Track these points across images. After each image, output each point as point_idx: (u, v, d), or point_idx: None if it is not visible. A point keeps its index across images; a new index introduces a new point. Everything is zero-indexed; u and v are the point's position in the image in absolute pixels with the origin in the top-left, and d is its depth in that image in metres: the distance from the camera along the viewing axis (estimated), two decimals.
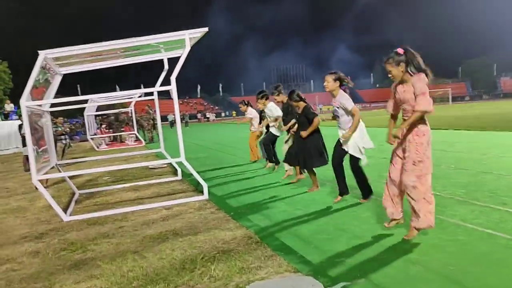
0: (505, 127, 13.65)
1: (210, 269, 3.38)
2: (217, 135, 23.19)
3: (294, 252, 3.62)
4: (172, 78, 6.00)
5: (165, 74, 8.35)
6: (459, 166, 7.09)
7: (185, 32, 6.08)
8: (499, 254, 3.24)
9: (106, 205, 6.40)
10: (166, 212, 5.61)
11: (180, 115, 28.52)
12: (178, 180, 8.24)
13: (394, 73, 3.72)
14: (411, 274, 3.00)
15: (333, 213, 4.84)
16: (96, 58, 7.51)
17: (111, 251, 4.12)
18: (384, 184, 4.06)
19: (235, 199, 6.03)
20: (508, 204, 4.58)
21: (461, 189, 5.47)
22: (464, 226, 3.98)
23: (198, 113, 69.29)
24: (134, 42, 6.08)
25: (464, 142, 10.52)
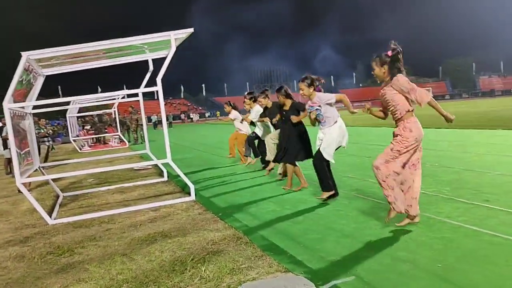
0: (485, 126, 13.96)
1: (200, 270, 3.37)
2: (202, 136, 23.11)
3: (284, 252, 3.64)
4: (158, 79, 5.96)
5: (149, 75, 8.28)
6: (443, 164, 7.22)
7: (170, 33, 6.04)
8: (484, 251, 3.31)
9: (91, 208, 6.32)
10: (154, 213, 5.57)
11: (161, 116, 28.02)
12: (164, 181, 8.19)
13: (376, 72, 3.93)
14: (400, 272, 3.04)
15: (321, 212, 4.88)
16: (80, 59, 7.41)
17: (99, 254, 4.07)
18: (367, 181, 4.12)
19: (222, 199, 6.02)
20: (491, 201, 4.69)
21: (446, 186, 5.57)
22: (450, 223, 4.06)
23: (182, 114, 68.89)
24: (119, 43, 6.02)
25: (447, 140, 10.72)
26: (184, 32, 6.15)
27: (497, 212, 4.29)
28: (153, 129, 38.51)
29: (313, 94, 5.22)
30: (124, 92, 8.32)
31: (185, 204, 5.94)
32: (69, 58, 7.04)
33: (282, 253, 3.62)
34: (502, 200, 4.68)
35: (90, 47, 5.83)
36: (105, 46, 5.97)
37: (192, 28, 6.13)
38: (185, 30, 6.12)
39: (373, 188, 5.81)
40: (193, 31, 6.22)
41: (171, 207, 5.85)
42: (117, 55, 7.82)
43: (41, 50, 5.70)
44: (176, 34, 6.05)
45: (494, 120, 16.38)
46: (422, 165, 4.08)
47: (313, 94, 5.22)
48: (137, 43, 6.30)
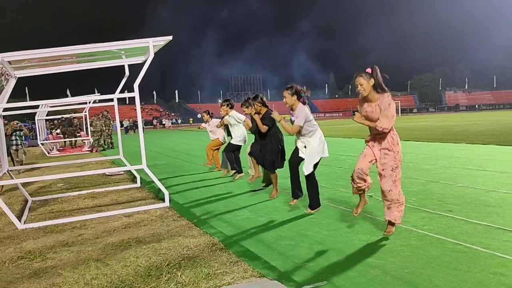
0: (450, 139, 14.55)
1: (176, 276, 3.42)
2: (175, 142, 22.96)
3: (259, 258, 3.73)
4: (135, 86, 5.98)
5: (125, 80, 8.25)
6: (410, 176, 7.51)
7: (149, 39, 6.08)
8: (447, 257, 3.51)
9: (62, 213, 6.22)
10: (127, 219, 5.55)
11: (133, 121, 28.05)
12: (137, 187, 8.14)
13: (365, 86, 4.00)
14: (370, 277, 3.19)
15: (295, 219, 5.00)
16: (54, 62, 7.32)
17: (72, 259, 4.04)
18: (338, 191, 4.28)
19: (197, 206, 6.06)
20: (454, 211, 4.95)
21: (412, 197, 5.82)
22: (416, 231, 4.26)
23: (154, 119, 68.11)
24: (96, 48, 6.00)
25: (414, 153, 11.12)
26: (163, 39, 6.20)
27: (459, 221, 4.54)
28: (124, 134, 37.92)
29: (295, 104, 5.18)
30: (99, 97, 8.26)
31: (159, 210, 5.95)
32: (43, 61, 6.95)
33: (257, 259, 3.72)
34: (464, 211, 4.95)
35: (68, 51, 5.79)
36: (82, 50, 5.94)
37: (171, 36, 6.19)
38: (164, 37, 6.17)
39: (344, 197, 6.01)
40: (171, 39, 6.28)
41: (145, 213, 5.84)
42: (93, 59, 7.76)
43: (15, 52, 5.62)
44: (155, 41, 6.09)
45: (458, 134, 17.07)
46: None
47: (295, 103, 5.18)
48: (114, 48, 6.30)
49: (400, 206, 4.13)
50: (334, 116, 77.88)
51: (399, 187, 4.10)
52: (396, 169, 4.06)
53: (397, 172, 4.07)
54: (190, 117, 73.12)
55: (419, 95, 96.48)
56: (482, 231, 4.18)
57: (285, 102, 5.22)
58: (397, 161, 4.05)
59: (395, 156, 4.04)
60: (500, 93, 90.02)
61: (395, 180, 4.07)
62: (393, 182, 4.06)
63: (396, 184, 4.07)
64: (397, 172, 4.07)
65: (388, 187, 4.07)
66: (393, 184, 4.06)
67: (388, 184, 4.07)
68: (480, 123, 25.23)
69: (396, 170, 4.05)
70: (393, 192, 4.06)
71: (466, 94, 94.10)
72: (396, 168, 4.05)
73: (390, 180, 4.06)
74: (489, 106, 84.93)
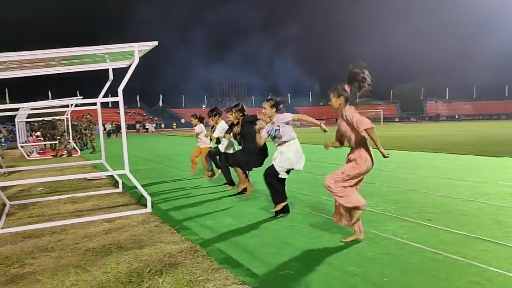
0: (430, 149, 14.81)
1: (157, 282, 3.40)
2: (158, 147, 22.80)
3: (241, 265, 3.74)
4: (119, 90, 5.95)
5: (109, 84, 8.18)
6: (391, 185, 7.63)
7: (134, 44, 6.06)
8: (425, 266, 3.58)
9: (42, 217, 6.12)
10: (108, 225, 5.49)
11: (116, 125, 27.81)
12: (119, 192, 8.06)
13: (333, 103, 4.32)
14: (349, 284, 3.23)
15: (277, 227, 5.03)
16: (36, 65, 7.22)
17: (51, 265, 3.98)
18: (320, 198, 4.36)
19: (179, 212, 6.03)
20: (433, 220, 5.05)
21: (393, 205, 5.91)
22: (396, 240, 4.33)
23: (137, 123, 67.49)
24: (80, 52, 5.95)
25: (395, 161, 11.28)
26: (148, 44, 6.19)
27: (438, 231, 4.63)
28: (106, 138, 37.49)
29: (273, 115, 5.47)
30: (81, 101, 8.15)
31: (141, 216, 5.91)
32: (25, 63, 6.85)
33: (239, 266, 3.73)
34: (443, 220, 5.05)
35: (51, 54, 5.73)
36: (66, 53, 5.89)
37: (156, 41, 6.19)
38: (149, 42, 6.16)
39: (326, 205, 6.06)
40: (156, 44, 6.28)
41: (126, 218, 5.79)
42: (76, 63, 7.69)
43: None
44: (140, 46, 6.08)
45: (439, 144, 17.40)
46: (372, 184, 4.37)
47: (273, 115, 5.48)
48: (99, 52, 6.26)
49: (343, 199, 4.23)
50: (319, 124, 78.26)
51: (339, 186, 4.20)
52: (346, 176, 4.18)
53: (345, 178, 4.19)
54: (174, 122, 72.63)
55: (401, 104, 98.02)
56: (460, 240, 4.28)
57: (264, 112, 5.52)
58: (353, 171, 4.17)
59: (354, 166, 4.17)
60: (480, 104, 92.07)
61: (337, 181, 4.21)
62: (334, 181, 4.21)
63: (336, 184, 4.20)
64: (345, 177, 4.19)
65: (327, 182, 4.26)
66: (334, 183, 4.21)
67: (328, 180, 4.26)
68: (460, 133, 25.76)
69: (343, 175, 4.19)
70: (332, 188, 4.21)
71: (446, 104, 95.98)
72: (347, 176, 4.18)
73: (332, 177, 4.23)
74: (469, 117, 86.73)
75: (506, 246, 4.03)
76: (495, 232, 4.48)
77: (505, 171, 8.87)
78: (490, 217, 5.13)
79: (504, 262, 3.59)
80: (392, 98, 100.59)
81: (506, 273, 3.36)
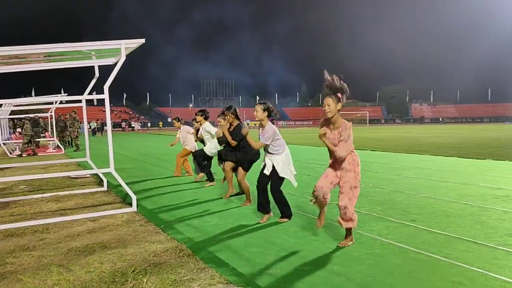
0: (415, 150, 15.01)
1: (142, 282, 3.37)
2: (144, 146, 22.62)
3: (226, 265, 3.73)
4: (105, 87, 5.88)
5: (95, 81, 8.09)
6: (376, 185, 7.70)
7: (121, 41, 6.00)
8: (409, 266, 3.63)
9: (24, 216, 6.01)
10: (92, 224, 5.43)
11: (101, 123, 27.51)
12: (104, 191, 7.97)
13: (332, 108, 4.06)
14: (334, 284, 3.25)
15: (263, 227, 5.03)
16: (20, 60, 7.10)
17: (33, 264, 3.92)
18: (307, 198, 4.35)
19: (165, 211, 5.99)
20: (417, 221, 5.11)
21: (378, 206, 5.97)
22: (380, 240, 4.38)
23: (123, 122, 66.82)
24: (65, 48, 5.87)
25: (380, 163, 11.40)
26: (135, 42, 6.13)
27: (421, 231, 4.69)
28: (91, 136, 37.05)
29: (265, 120, 5.29)
30: (66, 98, 8.04)
31: (126, 215, 5.85)
32: (7, 59, 6.72)
33: (224, 265, 3.72)
34: (426, 221, 5.12)
35: (35, 50, 5.64)
36: (51, 49, 5.80)
37: (144, 39, 6.14)
38: (136, 40, 6.11)
39: (312, 205, 6.07)
40: (144, 42, 6.22)
41: (111, 217, 5.73)
42: (61, 59, 7.58)
43: None
44: (127, 44, 6.02)
45: (423, 145, 17.63)
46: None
47: (265, 120, 5.29)
48: (85, 49, 6.18)
49: (352, 220, 4.17)
50: (305, 124, 78.77)
51: (353, 205, 4.16)
52: (355, 189, 4.15)
53: (355, 191, 4.15)
54: (160, 121, 72.11)
55: (386, 106, 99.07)
56: (443, 240, 4.34)
57: (256, 115, 5.33)
58: (357, 181, 4.15)
59: (355, 176, 4.14)
60: (463, 107, 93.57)
61: (351, 198, 4.13)
62: (349, 199, 4.12)
63: (352, 202, 4.13)
64: (355, 191, 4.16)
65: (344, 203, 4.10)
66: (349, 201, 4.11)
67: (344, 200, 4.11)
68: (443, 136, 26.15)
69: (354, 189, 4.14)
70: (348, 210, 4.10)
71: (431, 107, 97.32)
72: (355, 188, 4.15)
73: (347, 197, 4.12)
74: (453, 119, 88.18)
75: (487, 247, 4.10)
76: (476, 233, 4.56)
77: (487, 173, 9.03)
78: (472, 218, 5.22)
79: (486, 262, 3.66)
80: (378, 100, 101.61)
81: (487, 273, 3.42)
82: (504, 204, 5.94)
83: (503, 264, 3.62)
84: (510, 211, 5.54)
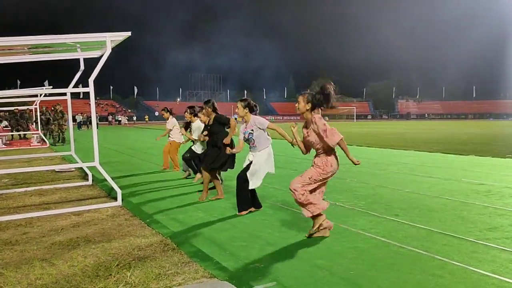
0: (400, 146, 15.18)
1: (125, 276, 3.37)
2: (130, 140, 22.45)
3: (211, 259, 3.75)
4: (90, 81, 5.82)
5: (80, 74, 8.00)
6: (361, 180, 7.78)
7: (106, 34, 5.94)
8: (391, 260, 3.69)
9: (6, 210, 5.94)
10: (76, 218, 5.39)
11: (87, 116, 27.16)
12: (89, 185, 7.90)
13: (300, 106, 4.27)
14: (317, 278, 3.30)
15: (248, 221, 5.06)
16: (4, 52, 6.98)
17: (15, 259, 3.88)
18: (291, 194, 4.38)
19: (150, 206, 5.98)
20: (400, 216, 5.19)
21: (362, 201, 6.04)
22: (363, 234, 4.44)
23: (109, 115, 66.15)
24: (50, 40, 5.80)
25: (366, 158, 11.50)
26: (121, 35, 6.06)
27: (404, 225, 4.77)
28: (77, 130, 36.63)
29: (247, 116, 5.41)
30: (50, 90, 7.94)
31: (111, 209, 5.82)
32: None
33: (209, 259, 3.73)
34: (409, 215, 5.20)
35: (20, 41, 5.55)
36: (36, 41, 5.72)
37: (130, 32, 6.07)
38: (122, 33, 6.04)
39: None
40: (130, 35, 6.16)
41: (95, 212, 5.70)
42: (46, 51, 7.47)
43: None
44: (112, 36, 5.96)
45: (408, 141, 17.84)
46: (343, 180, 4.46)
47: (247, 115, 5.41)
48: (70, 41, 6.11)
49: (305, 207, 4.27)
50: (292, 119, 79.01)
51: (304, 190, 4.20)
52: (314, 182, 4.22)
53: (313, 184, 4.22)
54: (146, 114, 71.51)
55: (373, 102, 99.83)
56: (425, 234, 4.42)
57: (237, 112, 5.49)
58: (319, 176, 4.20)
59: (321, 172, 4.20)
60: (448, 103, 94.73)
61: (305, 185, 4.20)
62: (301, 185, 4.20)
63: (304, 189, 4.19)
64: (313, 184, 4.22)
65: (293, 186, 4.22)
66: (300, 187, 4.19)
67: (295, 183, 4.22)
68: (428, 132, 26.49)
69: (313, 181, 4.21)
70: (298, 192, 4.18)
71: (417, 103, 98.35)
72: (315, 181, 4.22)
73: (300, 181, 4.21)
74: (438, 116, 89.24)
75: (466, 241, 4.19)
76: (457, 227, 4.65)
77: (470, 169, 9.19)
78: (453, 213, 5.32)
79: (465, 256, 3.74)
80: (365, 96, 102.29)
81: (466, 266, 3.49)
82: (485, 199, 6.06)
83: (482, 258, 3.71)
84: (490, 206, 5.66)
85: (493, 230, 4.55)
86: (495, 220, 4.96)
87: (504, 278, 3.25)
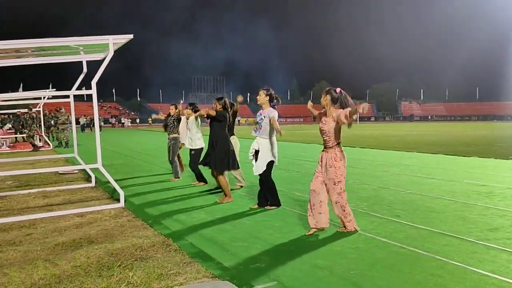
0: (403, 148, 15.17)
1: (128, 276, 3.40)
2: (133, 142, 22.54)
3: (212, 259, 3.78)
4: (93, 83, 5.88)
5: (83, 76, 8.06)
6: (363, 182, 7.79)
7: (109, 37, 5.99)
8: (391, 260, 3.71)
9: (10, 211, 5.99)
10: (79, 219, 5.43)
11: (90, 118, 27.20)
12: (92, 186, 7.95)
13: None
14: (317, 278, 3.32)
15: (249, 222, 5.09)
16: (7, 55, 7.05)
17: (19, 259, 3.92)
18: (294, 194, 4.44)
19: (153, 207, 6.01)
20: (401, 216, 5.20)
21: (364, 202, 6.06)
22: (365, 235, 4.46)
23: (112, 118, 66.32)
24: (53, 43, 5.85)
25: (368, 159, 11.51)
26: (123, 37, 6.12)
27: (405, 226, 4.78)
28: (81, 132, 36.78)
29: (266, 104, 5.66)
30: (53, 93, 8.00)
31: (114, 210, 5.86)
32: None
33: (210, 260, 3.76)
34: (410, 216, 5.22)
35: (23, 44, 5.62)
36: (39, 44, 5.78)
37: (132, 34, 6.13)
38: (125, 36, 6.10)
39: (299, 201, 6.16)
40: (132, 37, 6.22)
41: (98, 213, 5.74)
42: (49, 54, 7.53)
43: None
44: (115, 39, 6.02)
45: (411, 143, 17.82)
46: (345, 181, 4.53)
47: (266, 104, 5.66)
48: (73, 44, 6.17)
49: (348, 216, 4.51)
50: (296, 121, 79.05)
51: (344, 199, 4.46)
52: (339, 183, 4.41)
53: (341, 186, 4.42)
54: (149, 117, 71.55)
55: (377, 104, 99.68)
56: (425, 235, 4.43)
57: (258, 99, 5.70)
58: (338, 176, 4.38)
59: (336, 171, 4.37)
60: (452, 105, 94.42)
61: (340, 192, 4.43)
62: (338, 194, 4.42)
63: (342, 196, 4.44)
64: (341, 185, 4.42)
65: (334, 199, 4.45)
66: (338, 196, 4.42)
67: (334, 196, 4.45)
68: (431, 134, 26.43)
69: (338, 184, 4.40)
70: (340, 204, 4.43)
71: (420, 105, 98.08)
72: (339, 182, 4.40)
73: (335, 193, 4.42)
74: (441, 118, 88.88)
75: (467, 241, 4.20)
76: (458, 228, 4.67)
77: (472, 170, 9.19)
78: (454, 214, 5.33)
79: (465, 256, 3.75)
80: (368, 97, 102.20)
81: (466, 266, 3.51)
82: (486, 200, 6.07)
83: (482, 258, 3.72)
84: (492, 207, 5.67)
85: (494, 230, 4.56)
86: (496, 221, 4.97)
87: (504, 278, 3.26)
